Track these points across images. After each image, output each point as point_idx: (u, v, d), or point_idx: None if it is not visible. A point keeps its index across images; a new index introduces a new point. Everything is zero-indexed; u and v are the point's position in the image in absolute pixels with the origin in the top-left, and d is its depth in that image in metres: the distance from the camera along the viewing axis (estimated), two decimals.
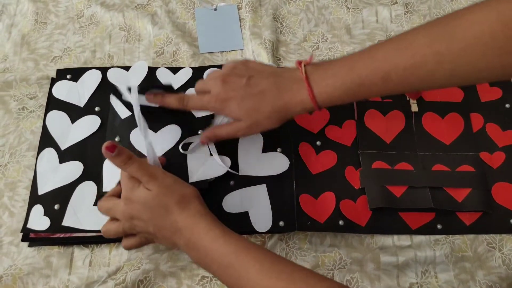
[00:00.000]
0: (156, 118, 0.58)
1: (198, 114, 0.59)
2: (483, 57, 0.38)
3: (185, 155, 0.55)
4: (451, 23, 0.40)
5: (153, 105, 0.53)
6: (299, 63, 0.47)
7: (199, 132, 0.57)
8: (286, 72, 0.49)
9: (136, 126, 0.56)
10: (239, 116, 0.48)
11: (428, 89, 0.48)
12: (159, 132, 0.57)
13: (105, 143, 0.44)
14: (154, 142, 0.49)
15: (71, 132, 0.58)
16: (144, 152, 0.53)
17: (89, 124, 0.59)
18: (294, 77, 0.47)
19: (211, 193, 0.54)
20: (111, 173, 0.55)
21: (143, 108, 0.52)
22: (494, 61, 0.38)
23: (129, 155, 0.45)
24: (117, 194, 0.48)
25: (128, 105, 0.58)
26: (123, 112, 0.59)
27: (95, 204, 0.53)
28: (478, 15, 0.38)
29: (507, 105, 0.62)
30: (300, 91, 0.46)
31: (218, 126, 0.52)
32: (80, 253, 0.53)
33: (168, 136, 0.57)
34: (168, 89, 0.56)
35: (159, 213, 0.43)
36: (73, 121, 0.59)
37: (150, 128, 0.57)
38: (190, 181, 0.54)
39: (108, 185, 0.54)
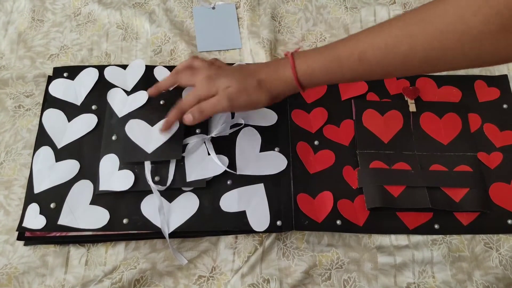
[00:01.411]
0: (153, 112, 0.58)
1: None
2: (458, 43, 0.38)
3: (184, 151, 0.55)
4: (426, 10, 0.41)
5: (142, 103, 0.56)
6: (287, 52, 0.49)
7: (197, 131, 0.57)
8: (274, 60, 0.52)
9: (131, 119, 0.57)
10: (229, 85, 0.48)
11: (403, 74, 0.50)
12: (156, 125, 0.57)
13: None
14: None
15: (68, 130, 0.58)
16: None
17: (86, 122, 0.58)
18: (281, 61, 0.49)
19: (209, 192, 0.54)
20: (107, 172, 0.55)
21: (141, 107, 0.53)
22: (468, 48, 0.38)
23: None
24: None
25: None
26: (120, 110, 0.58)
27: (91, 203, 0.53)
28: (453, 2, 0.38)
29: (505, 106, 0.62)
30: (285, 70, 0.48)
31: (203, 103, 0.50)
32: (76, 252, 0.53)
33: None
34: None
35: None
36: (69, 119, 0.59)
37: (147, 121, 0.57)
38: (188, 179, 0.54)
39: (104, 183, 0.54)
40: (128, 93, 0.60)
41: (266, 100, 0.49)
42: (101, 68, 0.62)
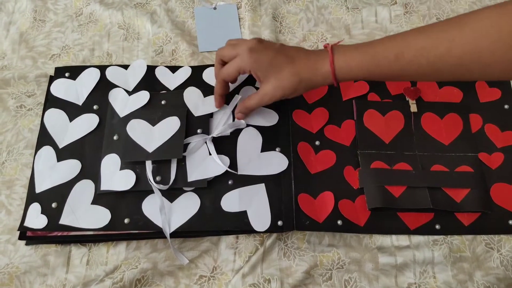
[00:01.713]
0: (154, 112, 0.58)
1: (198, 113, 0.58)
2: (491, 51, 0.40)
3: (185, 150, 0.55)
4: (464, 16, 0.43)
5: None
6: (327, 44, 0.50)
7: (198, 131, 0.57)
8: (313, 51, 0.52)
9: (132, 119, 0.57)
10: (267, 72, 0.50)
11: (436, 77, 0.50)
12: (157, 125, 0.57)
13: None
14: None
15: (69, 130, 0.58)
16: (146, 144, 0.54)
17: (87, 122, 0.58)
18: (320, 52, 0.50)
19: (210, 192, 0.54)
20: (109, 172, 0.55)
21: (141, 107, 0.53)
22: (502, 57, 0.40)
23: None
24: None
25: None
26: (121, 110, 0.59)
27: (92, 203, 0.53)
28: (488, 10, 0.41)
29: (506, 106, 0.62)
30: (324, 63, 0.49)
31: (245, 99, 0.55)
32: (77, 252, 0.53)
33: (167, 127, 0.57)
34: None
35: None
36: (71, 119, 0.59)
37: (149, 121, 0.57)
38: (189, 179, 0.54)
39: (106, 183, 0.54)
40: (130, 93, 0.60)
41: (298, 93, 0.51)
42: (102, 68, 0.62)
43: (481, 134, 0.60)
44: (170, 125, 0.57)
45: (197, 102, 0.59)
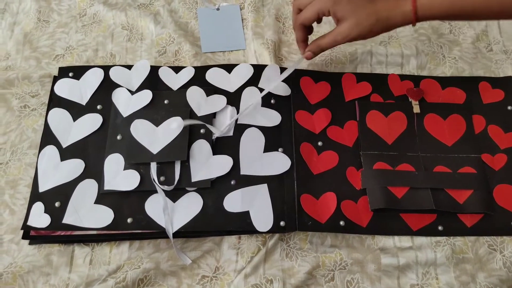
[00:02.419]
0: (157, 112, 0.58)
1: (201, 112, 0.59)
2: None
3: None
4: None
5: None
6: None
7: (202, 131, 0.57)
8: None
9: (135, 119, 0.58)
10: (345, 11, 0.51)
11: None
12: (160, 125, 0.57)
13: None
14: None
15: (73, 130, 0.58)
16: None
17: (91, 122, 0.59)
18: None
19: (213, 192, 0.54)
20: (112, 171, 0.55)
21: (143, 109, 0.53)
22: None
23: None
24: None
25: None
26: (124, 110, 0.59)
27: (95, 202, 0.53)
28: None
29: (509, 107, 0.62)
30: (406, 2, 0.50)
31: (319, 38, 0.54)
32: (80, 251, 0.53)
33: (170, 128, 0.57)
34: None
35: None
36: (74, 119, 0.59)
37: (152, 122, 0.57)
38: (193, 180, 0.54)
39: (109, 183, 0.54)
40: (133, 93, 0.61)
41: (377, 33, 0.51)
42: (106, 68, 0.62)
43: (484, 135, 0.60)
44: (174, 126, 0.57)
45: (200, 102, 0.60)
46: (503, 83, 0.64)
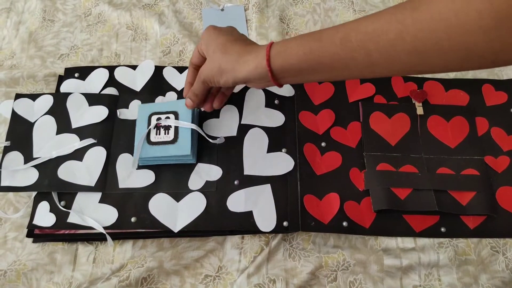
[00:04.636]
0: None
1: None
2: (448, 35, 0.35)
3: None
4: (417, 0, 0.37)
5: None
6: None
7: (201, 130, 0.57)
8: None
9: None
10: (207, 52, 0.49)
11: (388, 68, 0.41)
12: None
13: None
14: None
15: None
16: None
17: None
18: (262, 46, 0.47)
19: (216, 192, 0.55)
20: (125, 172, 0.55)
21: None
22: (459, 42, 0.34)
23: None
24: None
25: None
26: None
27: (100, 201, 0.54)
28: None
29: None
30: (261, 50, 0.45)
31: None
32: (84, 250, 0.53)
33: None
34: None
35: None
36: None
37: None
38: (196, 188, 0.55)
39: (123, 181, 0.54)
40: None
41: (212, 74, 0.48)
42: (111, 69, 0.63)
43: (487, 137, 0.60)
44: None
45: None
46: (507, 86, 0.64)
